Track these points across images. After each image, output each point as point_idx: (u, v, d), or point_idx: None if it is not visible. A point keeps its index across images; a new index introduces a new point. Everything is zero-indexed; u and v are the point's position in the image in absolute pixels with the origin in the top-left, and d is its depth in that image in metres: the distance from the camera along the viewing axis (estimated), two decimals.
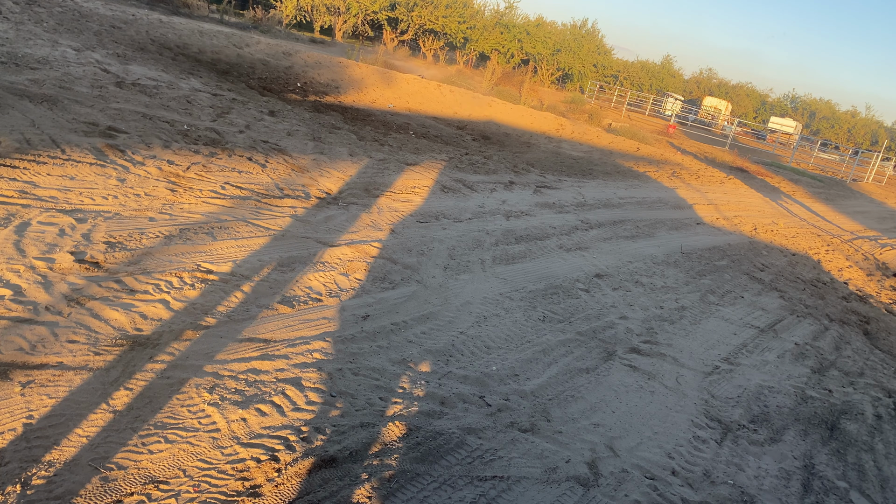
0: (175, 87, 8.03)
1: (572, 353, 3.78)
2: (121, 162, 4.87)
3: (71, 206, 3.91)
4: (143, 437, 2.28)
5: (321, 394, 2.78)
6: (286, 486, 2.23)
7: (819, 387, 4.21)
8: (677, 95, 41.07)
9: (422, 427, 2.73)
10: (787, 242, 8.90)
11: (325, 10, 26.39)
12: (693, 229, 8.18)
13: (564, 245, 5.96)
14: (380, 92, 12.51)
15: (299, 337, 3.18)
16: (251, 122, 7.30)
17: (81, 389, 2.43)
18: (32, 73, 6.74)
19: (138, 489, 2.07)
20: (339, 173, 6.26)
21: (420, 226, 5.37)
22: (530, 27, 36.11)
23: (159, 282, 3.34)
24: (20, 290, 2.93)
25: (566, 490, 2.57)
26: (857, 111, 52.81)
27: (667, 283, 5.64)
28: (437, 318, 3.77)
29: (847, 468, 3.28)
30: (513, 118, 14.28)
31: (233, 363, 2.83)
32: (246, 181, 5.27)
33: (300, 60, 12.87)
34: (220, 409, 2.53)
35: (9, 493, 1.93)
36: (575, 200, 8.00)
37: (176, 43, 11.70)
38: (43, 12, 10.90)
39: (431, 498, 2.35)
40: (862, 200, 18.08)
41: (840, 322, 5.72)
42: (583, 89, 36.98)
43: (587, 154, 12.43)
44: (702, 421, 3.39)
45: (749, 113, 50.03)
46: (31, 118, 5.21)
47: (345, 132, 8.23)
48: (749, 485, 2.93)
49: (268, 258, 3.96)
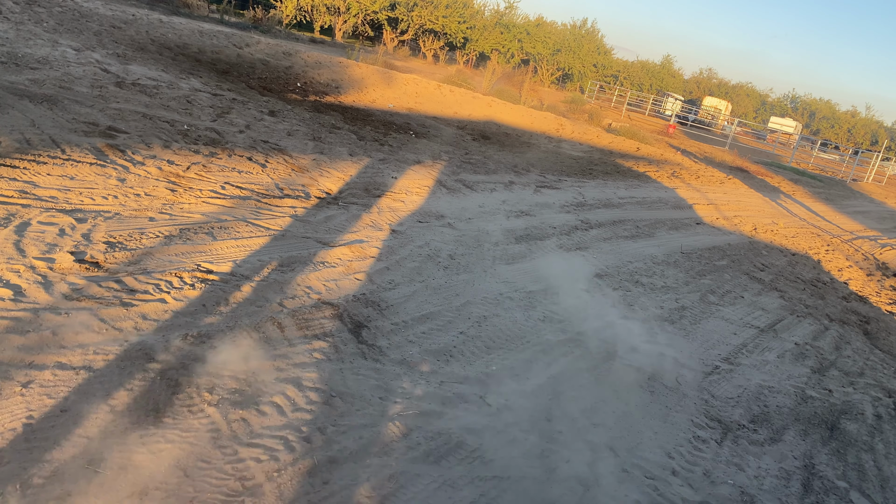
0: (175, 86, 8.03)
1: (572, 353, 3.78)
2: (121, 162, 4.87)
3: (71, 206, 3.91)
4: (143, 437, 2.28)
5: (321, 394, 2.78)
6: (287, 486, 2.23)
7: (819, 387, 4.21)
8: (677, 95, 41.06)
9: (422, 427, 2.73)
10: (787, 242, 8.90)
11: (325, 10, 26.39)
12: (693, 229, 8.18)
13: (564, 245, 5.96)
14: (380, 92, 12.51)
15: (299, 336, 3.18)
16: (251, 122, 7.30)
17: (81, 389, 2.43)
18: (32, 73, 6.74)
19: (138, 489, 2.07)
20: (339, 173, 6.26)
21: (420, 226, 5.37)
22: (530, 27, 36.12)
23: (159, 282, 3.34)
24: (20, 290, 2.93)
25: (566, 490, 2.57)
26: (857, 111, 52.82)
27: (667, 282, 5.64)
28: (438, 318, 3.77)
29: (847, 468, 3.28)
30: (513, 118, 14.28)
31: (233, 363, 2.83)
32: (246, 181, 5.27)
33: (300, 60, 12.87)
34: (220, 408, 2.53)
35: (9, 493, 1.93)
36: (575, 200, 8.00)
37: (176, 43, 11.70)
38: (43, 12, 10.89)
39: (431, 498, 2.35)
40: (862, 200, 18.08)
41: (840, 322, 5.72)
42: (583, 89, 36.98)
43: (587, 154, 12.43)
44: (702, 421, 3.39)
45: (749, 113, 50.03)
46: (31, 118, 5.21)
47: (345, 132, 8.23)
48: (749, 485, 2.93)
49: (268, 258, 3.96)
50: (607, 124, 19.11)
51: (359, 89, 12.19)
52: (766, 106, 52.30)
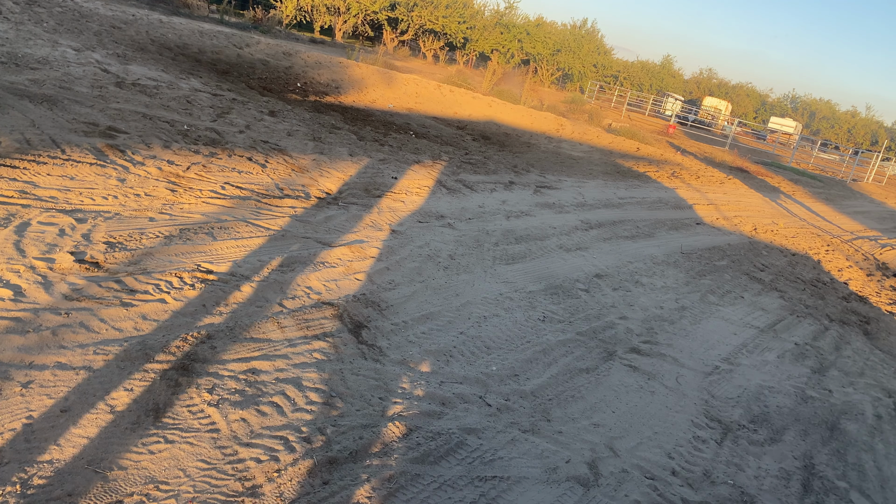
0: (175, 87, 8.03)
1: (572, 353, 3.78)
2: (121, 162, 4.87)
3: (71, 206, 3.91)
4: (143, 437, 2.28)
5: (321, 394, 2.78)
6: (287, 486, 2.23)
7: (819, 387, 4.21)
8: (677, 95, 41.07)
9: (422, 427, 2.73)
10: (787, 242, 8.90)
11: (325, 11, 26.39)
12: (693, 229, 8.18)
13: (564, 245, 5.96)
14: (380, 92, 12.51)
15: (299, 337, 3.18)
16: (251, 122, 7.30)
17: (81, 389, 2.43)
18: (32, 73, 6.74)
19: (138, 489, 2.07)
20: (339, 173, 6.26)
21: (420, 226, 5.37)
22: (530, 27, 36.13)
23: (159, 282, 3.34)
24: (20, 290, 2.93)
25: (566, 490, 2.57)
26: (857, 111, 52.86)
27: (667, 283, 5.64)
28: (438, 319, 3.77)
29: (847, 468, 3.28)
30: (513, 118, 14.27)
31: (233, 363, 2.83)
32: (246, 181, 5.27)
33: (300, 60, 12.87)
34: (220, 409, 2.53)
35: (8, 493, 1.93)
36: (575, 200, 8.00)
37: (176, 43, 11.70)
38: (43, 12, 10.89)
39: (432, 498, 2.35)
40: (862, 200, 18.08)
41: (840, 322, 5.73)
42: (583, 89, 36.98)
43: (587, 154, 12.43)
44: (702, 421, 3.39)
45: (749, 113, 50.05)
46: (31, 118, 5.21)
47: (345, 132, 8.23)
48: (749, 485, 2.93)
49: (268, 258, 3.96)
50: (607, 124, 19.11)
51: (359, 89, 12.19)
52: (766, 106, 52.32)
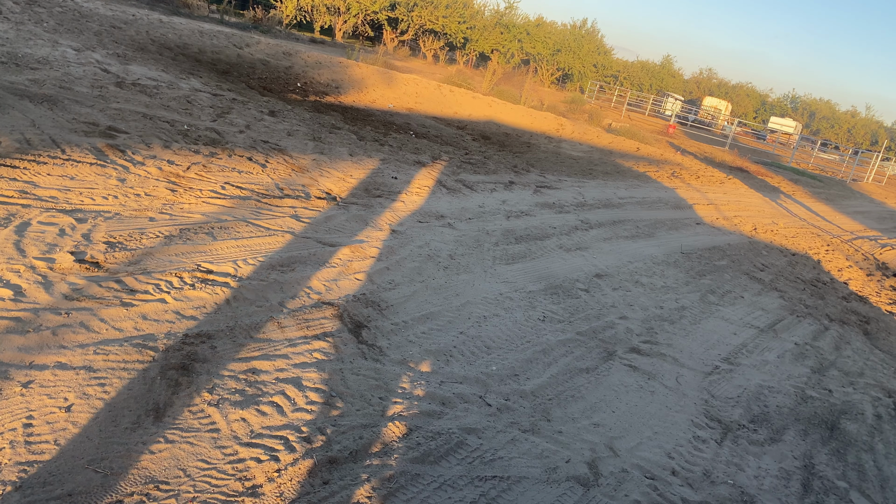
0: (175, 87, 8.03)
1: (572, 353, 3.79)
2: (121, 162, 4.87)
3: (71, 206, 3.91)
4: (143, 437, 2.28)
5: (321, 393, 2.78)
6: (287, 486, 2.23)
7: (819, 387, 4.21)
8: (677, 95, 41.09)
9: (422, 427, 2.73)
10: (787, 242, 8.90)
11: (325, 11, 26.39)
12: (693, 229, 8.18)
13: (564, 245, 5.96)
14: (380, 92, 12.51)
15: (299, 336, 3.18)
16: (251, 122, 7.30)
17: (81, 389, 2.43)
18: (32, 73, 6.74)
19: (138, 489, 2.07)
20: (339, 173, 6.26)
21: (420, 226, 5.37)
22: (530, 27, 36.14)
23: (159, 282, 3.34)
24: (20, 290, 2.93)
25: (566, 490, 2.57)
26: (857, 111, 52.88)
27: (667, 283, 5.64)
28: (438, 318, 3.77)
29: (847, 468, 3.28)
30: (513, 118, 14.28)
31: (233, 363, 2.83)
32: (246, 181, 5.27)
33: (300, 60, 12.87)
34: (220, 408, 2.53)
35: (8, 493, 1.93)
36: (575, 200, 8.00)
37: (176, 43, 11.70)
38: (43, 12, 10.90)
39: (432, 498, 2.35)
40: (862, 200, 18.08)
41: (840, 322, 5.73)
42: (583, 89, 36.98)
43: (587, 154, 12.43)
44: (702, 421, 3.39)
45: (749, 113, 50.05)
46: (32, 118, 5.21)
47: (345, 132, 8.23)
48: (749, 485, 2.93)
49: (268, 258, 3.96)
50: (607, 124, 19.11)
51: (359, 89, 12.19)
52: (766, 106, 52.32)
